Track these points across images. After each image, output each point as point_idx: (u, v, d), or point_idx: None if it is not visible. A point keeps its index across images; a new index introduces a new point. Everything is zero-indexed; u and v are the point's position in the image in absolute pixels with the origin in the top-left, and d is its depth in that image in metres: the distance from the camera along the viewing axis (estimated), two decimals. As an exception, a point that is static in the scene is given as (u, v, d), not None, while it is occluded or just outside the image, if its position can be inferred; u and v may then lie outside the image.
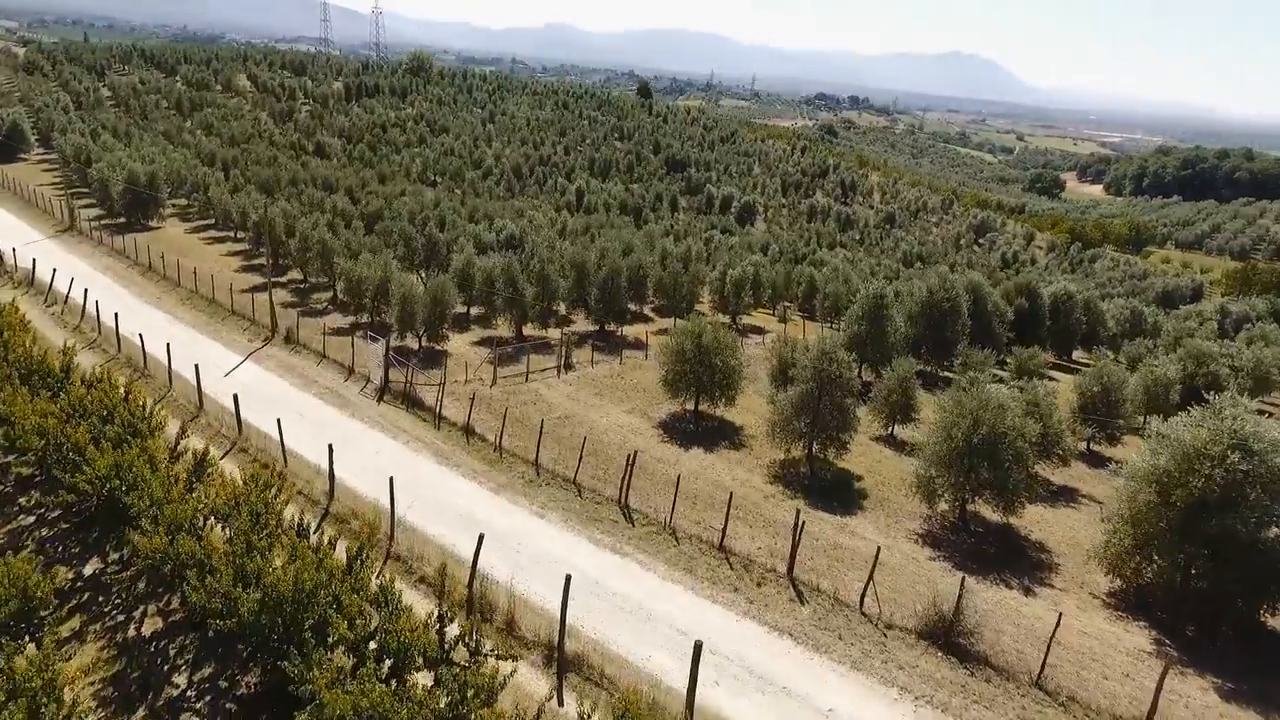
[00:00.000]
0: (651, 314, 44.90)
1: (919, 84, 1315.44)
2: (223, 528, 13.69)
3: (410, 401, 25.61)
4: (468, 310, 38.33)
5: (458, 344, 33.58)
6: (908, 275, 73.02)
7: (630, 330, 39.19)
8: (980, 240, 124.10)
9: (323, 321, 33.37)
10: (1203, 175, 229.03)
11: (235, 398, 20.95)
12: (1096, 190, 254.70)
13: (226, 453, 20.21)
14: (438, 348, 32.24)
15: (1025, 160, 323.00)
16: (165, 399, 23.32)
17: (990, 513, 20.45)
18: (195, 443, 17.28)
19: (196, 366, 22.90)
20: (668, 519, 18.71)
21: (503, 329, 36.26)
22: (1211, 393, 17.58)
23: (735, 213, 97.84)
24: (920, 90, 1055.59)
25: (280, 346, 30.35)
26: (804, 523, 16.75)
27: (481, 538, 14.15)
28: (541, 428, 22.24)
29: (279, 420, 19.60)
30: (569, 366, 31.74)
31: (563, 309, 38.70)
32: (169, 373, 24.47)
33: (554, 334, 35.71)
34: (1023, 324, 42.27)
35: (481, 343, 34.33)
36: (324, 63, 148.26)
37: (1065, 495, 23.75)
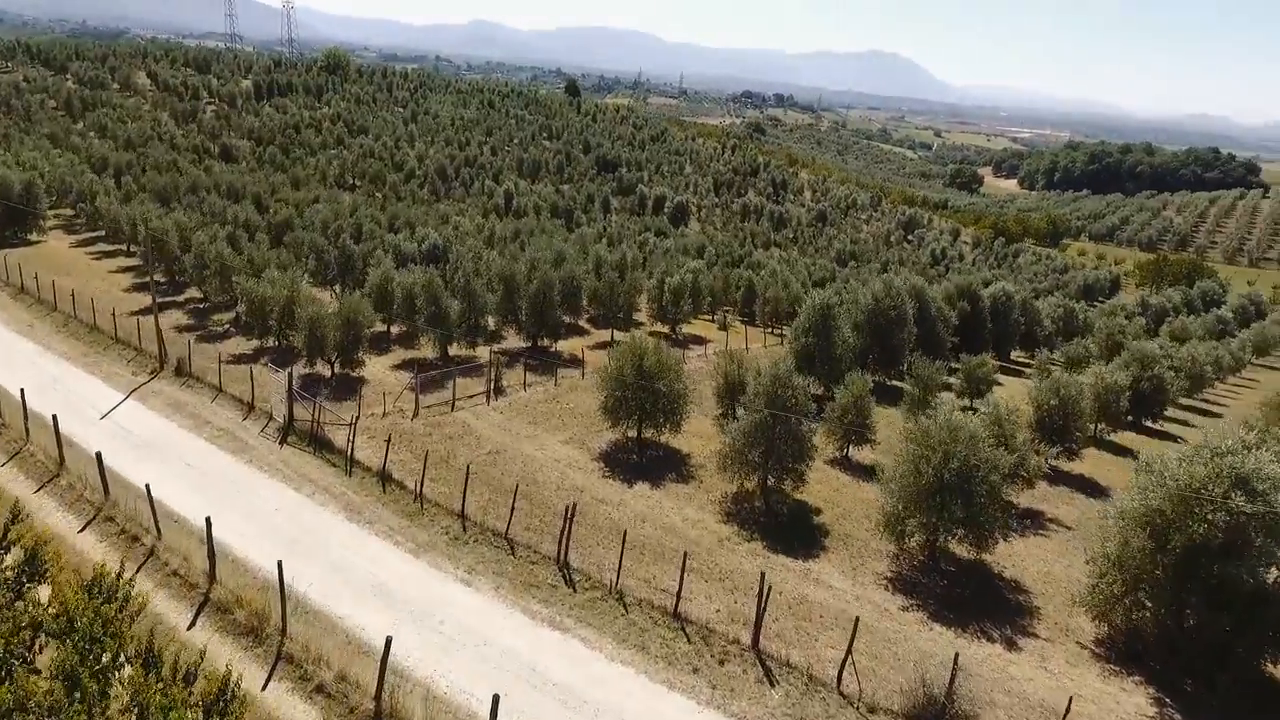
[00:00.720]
0: (587, 325, 42.52)
1: (841, 82, 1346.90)
2: (58, 648, 10.84)
3: (318, 443, 22.67)
4: (388, 329, 35.23)
5: (376, 368, 30.58)
6: (844, 275, 72.63)
7: (565, 345, 36.75)
8: (909, 237, 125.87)
9: (221, 348, 29.87)
10: (1109, 169, 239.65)
11: (99, 456, 17.70)
12: (1012, 184, 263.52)
13: (89, 523, 17.05)
14: (353, 374, 29.22)
15: (944, 156, 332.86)
16: (20, 455, 19.90)
17: (961, 550, 18.91)
18: (37, 523, 14.22)
19: (55, 416, 19.48)
20: (614, 580, 16.47)
21: (426, 349, 33.29)
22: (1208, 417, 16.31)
23: (669, 213, 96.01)
24: (842, 88, 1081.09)
25: (170, 380, 26.87)
26: (770, 587, 14.73)
27: (389, 641, 11.66)
28: (468, 472, 19.73)
29: (148, 485, 16.48)
30: (499, 391, 29.14)
31: (491, 324, 35.97)
32: (25, 420, 20.95)
33: (483, 353, 32.98)
34: (965, 327, 41.59)
35: (403, 365, 31.38)
36: (231, 59, 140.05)
37: (1033, 520, 22.45)
